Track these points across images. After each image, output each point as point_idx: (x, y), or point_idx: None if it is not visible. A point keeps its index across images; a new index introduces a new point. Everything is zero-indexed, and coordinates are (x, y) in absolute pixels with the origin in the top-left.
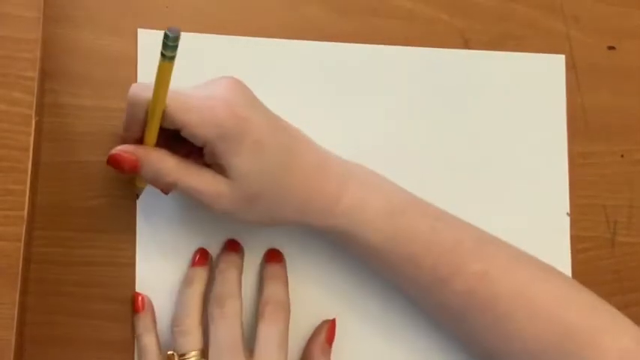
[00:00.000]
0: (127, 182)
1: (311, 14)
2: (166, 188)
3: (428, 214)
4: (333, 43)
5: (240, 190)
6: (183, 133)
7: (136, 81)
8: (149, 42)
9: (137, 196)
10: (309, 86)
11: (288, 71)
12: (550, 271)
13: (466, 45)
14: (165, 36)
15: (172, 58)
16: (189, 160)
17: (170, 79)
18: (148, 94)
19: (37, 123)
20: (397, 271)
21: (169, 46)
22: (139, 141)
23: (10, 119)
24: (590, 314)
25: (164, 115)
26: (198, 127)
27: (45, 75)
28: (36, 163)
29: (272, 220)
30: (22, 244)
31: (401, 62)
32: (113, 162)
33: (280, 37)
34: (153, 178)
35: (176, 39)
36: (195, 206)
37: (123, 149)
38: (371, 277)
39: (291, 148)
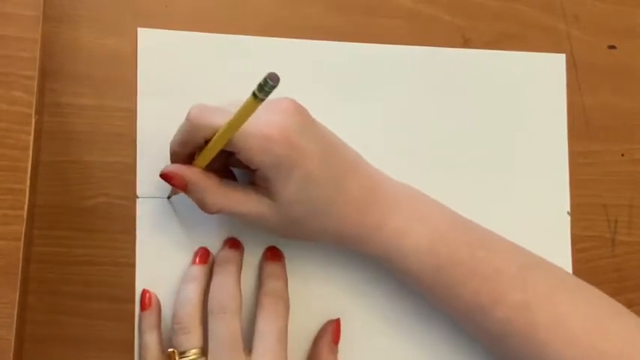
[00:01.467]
0: (127, 182)
1: (311, 13)
2: (209, 213)
3: (471, 240)
4: (334, 42)
5: (283, 214)
6: (239, 156)
7: (135, 81)
8: (149, 41)
9: (169, 197)
10: (309, 86)
11: (289, 71)
12: (591, 292)
13: (466, 44)
14: (265, 81)
15: (262, 100)
16: (234, 183)
17: (250, 116)
18: (213, 120)
19: (36, 122)
20: (437, 296)
21: (265, 90)
22: (190, 156)
23: (10, 118)
24: (625, 342)
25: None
26: (253, 153)
27: (45, 74)
28: (36, 163)
29: (309, 240)
30: (21, 244)
31: (401, 61)
32: (165, 178)
33: (280, 37)
34: (198, 203)
35: (274, 87)
36: (195, 206)
37: (175, 170)
38: (374, 276)
39: (340, 181)
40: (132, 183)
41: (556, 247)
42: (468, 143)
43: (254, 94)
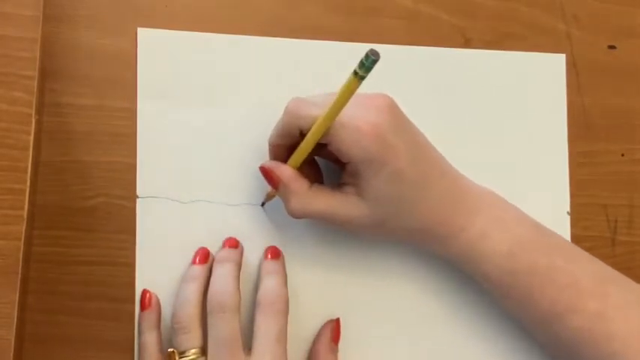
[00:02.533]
0: (127, 182)
1: (311, 13)
2: (295, 217)
3: (549, 249)
4: (334, 42)
5: (371, 213)
6: (331, 147)
7: (135, 81)
8: (149, 41)
9: (263, 203)
10: (308, 85)
11: (288, 70)
12: None
13: (467, 44)
14: (366, 56)
15: (363, 78)
16: (322, 187)
17: (351, 98)
18: (310, 111)
19: (36, 122)
20: (513, 302)
21: (366, 66)
22: (291, 147)
23: (10, 118)
24: None
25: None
26: (346, 145)
27: (45, 74)
28: (36, 163)
29: (392, 240)
30: (21, 244)
31: (402, 61)
32: (263, 172)
33: (280, 37)
34: (285, 205)
35: (375, 61)
36: (194, 206)
37: (272, 168)
38: (374, 276)
39: (427, 181)
40: (132, 183)
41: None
42: (468, 143)
43: (355, 72)
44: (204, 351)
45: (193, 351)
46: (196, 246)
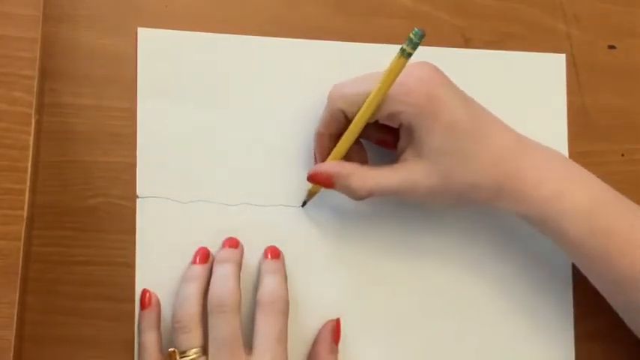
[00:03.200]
0: (127, 182)
1: (311, 13)
2: (360, 199)
3: (628, 210)
4: (334, 42)
5: (432, 171)
6: (380, 116)
7: (135, 81)
8: (149, 41)
9: (304, 203)
10: (308, 85)
11: (289, 70)
12: None
13: (467, 44)
14: (414, 33)
15: (410, 55)
16: (375, 166)
17: (398, 75)
18: (349, 89)
19: (36, 122)
20: (592, 264)
21: (414, 42)
22: (336, 136)
23: (10, 118)
24: None
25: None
26: (395, 105)
27: (45, 74)
28: (35, 163)
29: (464, 202)
30: (21, 244)
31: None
32: (312, 180)
33: (280, 37)
34: (348, 193)
35: (422, 36)
36: (194, 206)
37: (316, 170)
38: (374, 276)
39: (486, 130)
40: (132, 183)
41: (557, 246)
42: None
43: (402, 49)
44: (204, 350)
45: (194, 350)
46: (196, 246)
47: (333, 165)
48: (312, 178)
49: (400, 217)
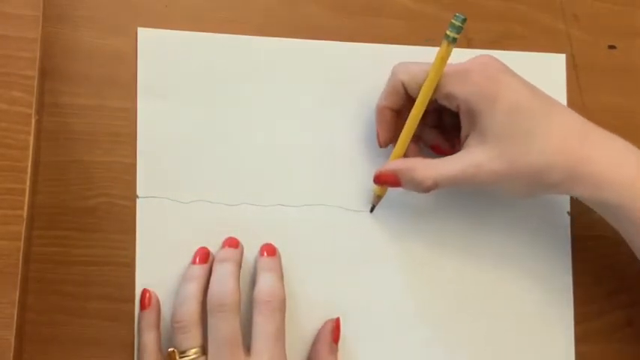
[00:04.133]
0: (127, 182)
1: (311, 13)
2: (427, 191)
3: None
4: (334, 42)
5: (496, 154)
6: (440, 99)
7: (135, 81)
8: (149, 41)
9: (372, 208)
10: (309, 85)
11: (288, 70)
12: None
13: (468, 44)
14: (455, 17)
15: (455, 40)
16: (437, 158)
17: (447, 61)
18: (411, 67)
19: (36, 122)
20: None
21: (457, 26)
22: (396, 112)
23: (10, 118)
24: None
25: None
26: (457, 87)
27: (45, 74)
28: (35, 163)
29: (535, 189)
30: (21, 244)
31: (401, 61)
32: (378, 181)
33: (280, 37)
34: (414, 187)
35: (464, 20)
36: (194, 206)
37: (380, 171)
38: (374, 275)
39: (550, 111)
40: (132, 183)
41: (557, 246)
42: None
43: (446, 35)
44: (204, 350)
45: (194, 350)
46: (196, 246)
47: (395, 162)
48: (377, 179)
49: (400, 217)
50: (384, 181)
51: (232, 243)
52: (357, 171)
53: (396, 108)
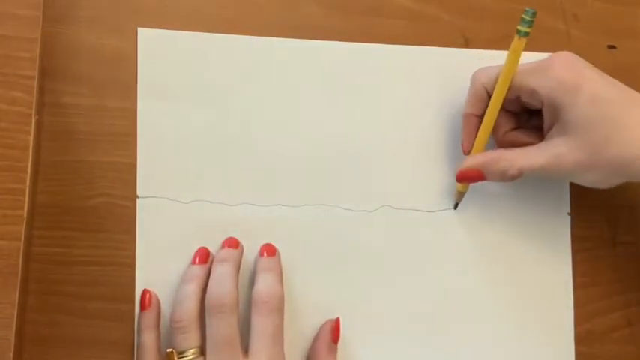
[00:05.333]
0: (128, 182)
1: (311, 13)
2: (512, 180)
3: None
4: (333, 42)
5: (579, 144)
6: (524, 96)
7: (135, 81)
8: (149, 41)
9: (456, 206)
10: (308, 85)
11: (288, 70)
12: None
13: (467, 44)
14: (525, 12)
15: (527, 34)
16: (521, 148)
17: (520, 56)
18: (490, 69)
19: (36, 122)
20: None
21: (528, 20)
22: (481, 118)
23: (10, 118)
24: None
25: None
26: (537, 83)
27: (45, 74)
28: (36, 163)
29: (616, 178)
30: (21, 244)
31: (402, 61)
32: (462, 179)
33: (280, 37)
34: (499, 178)
35: (534, 14)
36: (194, 206)
37: (464, 168)
38: (374, 275)
39: (631, 105)
40: (132, 183)
41: (556, 247)
42: None
43: (518, 30)
44: (203, 351)
45: (192, 351)
46: (196, 246)
47: (476, 157)
48: (461, 176)
49: (400, 217)
50: (468, 177)
51: (232, 243)
52: (357, 171)
53: (481, 114)
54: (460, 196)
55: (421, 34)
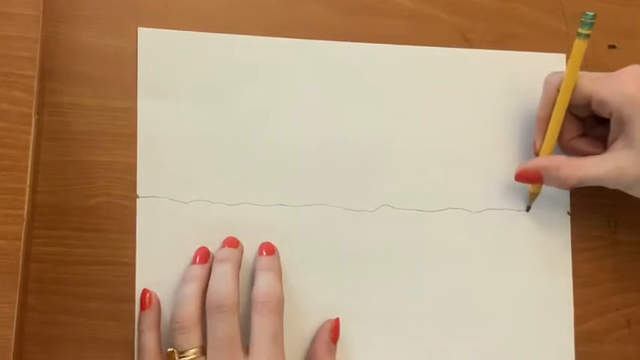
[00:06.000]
0: (128, 182)
1: (311, 13)
2: (569, 188)
3: None
4: (334, 42)
5: None
6: (593, 104)
7: (135, 81)
8: (149, 41)
9: (528, 208)
10: (308, 85)
11: (288, 70)
12: None
13: (467, 44)
14: (584, 15)
15: (587, 36)
16: (583, 157)
17: (582, 57)
18: (560, 73)
19: (36, 122)
20: None
21: (588, 23)
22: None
23: (10, 118)
24: None
25: (575, 88)
26: (607, 95)
27: (45, 74)
28: (36, 162)
29: None
30: (22, 243)
31: (402, 61)
32: (520, 179)
33: (280, 36)
34: (557, 184)
35: (594, 16)
36: (194, 206)
37: (524, 168)
38: (374, 275)
39: None
40: (132, 183)
41: (556, 246)
42: (468, 143)
43: (578, 33)
44: (203, 351)
45: (193, 351)
46: (196, 246)
47: (540, 160)
48: (520, 176)
49: (401, 217)
50: (527, 177)
51: (232, 243)
52: (357, 171)
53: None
54: (532, 197)
55: (421, 34)
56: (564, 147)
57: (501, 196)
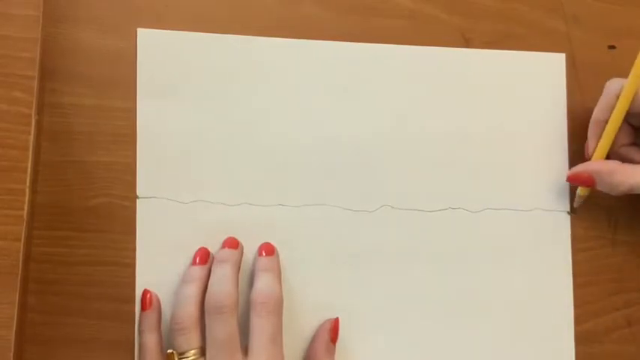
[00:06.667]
0: (128, 182)
1: (311, 13)
2: (619, 194)
3: None
4: (334, 42)
5: None
6: None
7: (135, 81)
8: (149, 41)
9: (575, 210)
10: (308, 86)
11: (288, 70)
12: None
13: (467, 44)
14: None
15: None
16: (636, 165)
17: None
18: (622, 80)
19: (36, 122)
20: None
21: None
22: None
23: (10, 119)
24: None
25: (635, 96)
26: None
27: (45, 74)
28: (36, 163)
29: None
30: (22, 244)
31: (401, 61)
32: (573, 181)
33: (280, 37)
34: (608, 189)
35: None
36: (194, 206)
37: (578, 170)
38: (373, 275)
39: None
40: (132, 183)
41: (557, 246)
42: (468, 143)
43: None
44: (203, 351)
45: (193, 352)
46: (196, 246)
47: (594, 164)
48: (572, 178)
49: (401, 217)
50: (579, 180)
51: (232, 244)
52: (357, 171)
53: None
54: (580, 199)
55: (421, 34)
56: (614, 153)
57: (501, 196)
